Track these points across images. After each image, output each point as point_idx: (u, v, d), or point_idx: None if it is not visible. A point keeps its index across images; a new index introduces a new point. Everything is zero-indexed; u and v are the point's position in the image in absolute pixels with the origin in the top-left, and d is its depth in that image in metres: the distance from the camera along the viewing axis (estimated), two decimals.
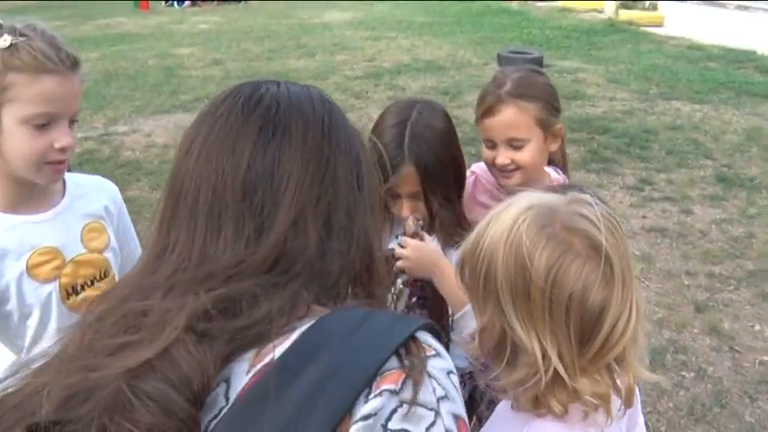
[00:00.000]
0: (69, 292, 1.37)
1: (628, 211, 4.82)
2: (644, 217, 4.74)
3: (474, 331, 1.00)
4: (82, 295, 1.39)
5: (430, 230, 1.56)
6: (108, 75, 9.04)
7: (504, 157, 1.55)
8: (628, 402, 0.96)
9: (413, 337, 0.65)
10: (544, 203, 0.95)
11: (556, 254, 0.90)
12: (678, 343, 3.37)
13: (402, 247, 1.46)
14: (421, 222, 1.49)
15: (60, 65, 1.23)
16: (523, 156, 1.54)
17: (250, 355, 0.64)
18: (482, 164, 1.69)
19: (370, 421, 0.59)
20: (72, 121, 1.30)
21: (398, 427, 0.59)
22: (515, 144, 1.53)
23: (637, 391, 1.02)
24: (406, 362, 0.62)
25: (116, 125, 6.91)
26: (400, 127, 1.50)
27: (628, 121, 6.81)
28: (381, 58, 9.97)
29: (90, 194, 1.47)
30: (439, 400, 0.62)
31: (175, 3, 17.89)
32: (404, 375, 0.61)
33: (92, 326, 0.67)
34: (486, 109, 1.55)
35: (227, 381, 0.63)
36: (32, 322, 1.33)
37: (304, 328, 0.65)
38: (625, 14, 12.62)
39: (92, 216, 1.44)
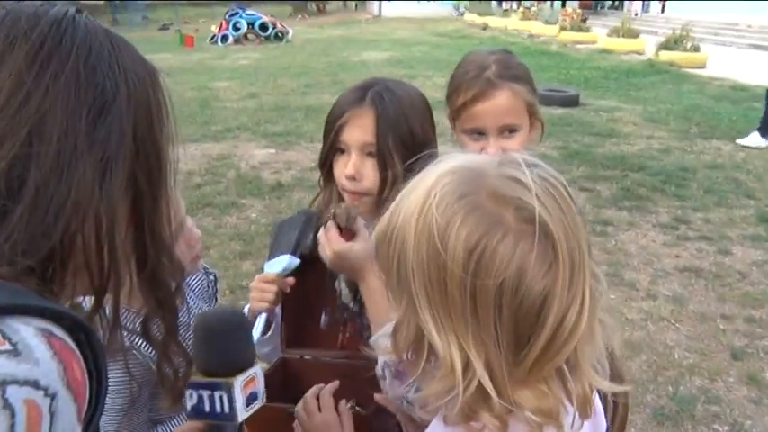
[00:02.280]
0: None
1: (660, 249, 4.56)
2: (677, 256, 4.47)
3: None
4: None
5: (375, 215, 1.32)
6: None
7: (495, 147, 1.37)
8: (583, 413, 0.76)
9: None
10: (469, 165, 0.76)
11: (478, 231, 0.70)
12: (711, 392, 3.09)
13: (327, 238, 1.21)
14: (356, 212, 1.22)
15: None
16: (515, 144, 1.37)
17: None
18: None
19: None
20: None
21: None
22: (509, 130, 1.38)
23: (596, 398, 0.82)
24: None
25: None
26: (373, 81, 1.31)
27: (664, 160, 6.57)
28: None
29: None
30: None
31: (219, 40, 18.41)
32: None
33: None
34: (477, 94, 1.37)
35: None
36: None
37: None
38: (666, 56, 12.41)
39: None
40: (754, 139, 7.09)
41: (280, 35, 18.86)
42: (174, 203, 0.68)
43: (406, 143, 1.24)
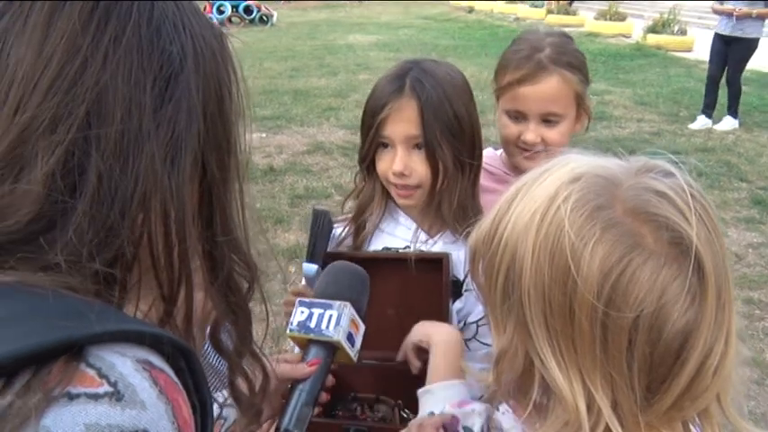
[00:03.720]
0: None
1: None
2: None
3: (491, 353, 0.72)
4: None
5: (434, 217, 1.25)
6: None
7: (535, 133, 1.32)
8: None
9: (72, 350, 0.38)
10: (600, 172, 0.64)
11: (617, 252, 0.59)
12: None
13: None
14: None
15: None
16: (555, 134, 1.32)
17: None
18: (488, 151, 1.45)
19: None
20: None
21: None
22: (551, 119, 1.32)
23: None
24: (5, 399, 0.35)
25: None
26: (409, 63, 1.23)
27: (656, 143, 6.57)
28: None
29: None
30: None
31: None
32: None
33: None
34: (525, 75, 1.31)
35: None
36: None
37: None
38: (653, 39, 12.40)
39: None
40: (702, 121, 7.16)
41: (264, 18, 18.60)
42: (247, 193, 0.58)
43: (452, 129, 1.18)
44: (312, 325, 0.90)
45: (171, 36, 0.51)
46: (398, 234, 1.28)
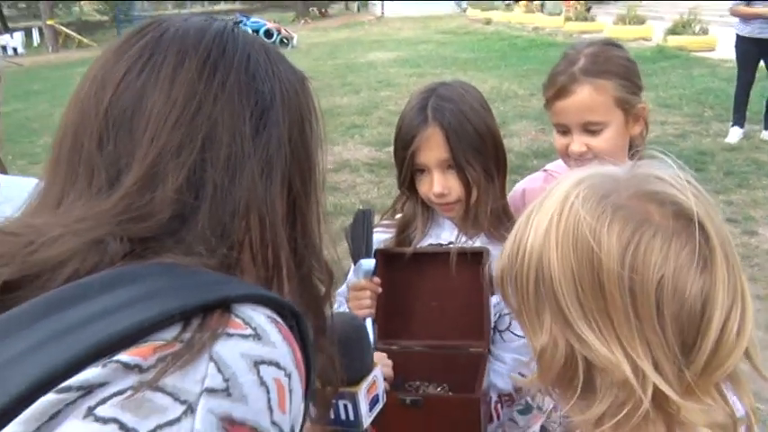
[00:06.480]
0: None
1: None
2: None
3: (530, 361, 0.77)
4: None
5: (471, 225, 1.38)
6: None
7: (579, 143, 1.36)
8: (751, 430, 0.72)
9: (223, 305, 0.51)
10: (599, 173, 0.74)
11: (629, 228, 0.66)
12: (747, 372, 3.09)
13: None
14: None
15: None
16: (601, 142, 1.35)
17: None
18: (559, 162, 1.53)
19: (67, 395, 0.44)
20: None
21: (110, 414, 0.44)
22: (592, 128, 1.35)
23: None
24: (185, 335, 0.48)
25: None
26: (426, 93, 1.37)
27: (681, 144, 6.55)
28: None
29: (24, 196, 1.38)
30: (205, 392, 0.47)
31: None
32: (166, 351, 0.47)
33: None
34: (558, 90, 1.37)
35: None
36: None
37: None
38: (674, 41, 12.33)
39: None
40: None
41: (285, 41, 18.91)
42: (323, 205, 0.70)
43: (477, 146, 1.33)
44: (332, 416, 0.87)
45: (263, 79, 0.64)
46: (443, 237, 1.43)
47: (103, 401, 0.44)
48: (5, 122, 8.34)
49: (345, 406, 0.86)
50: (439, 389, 1.29)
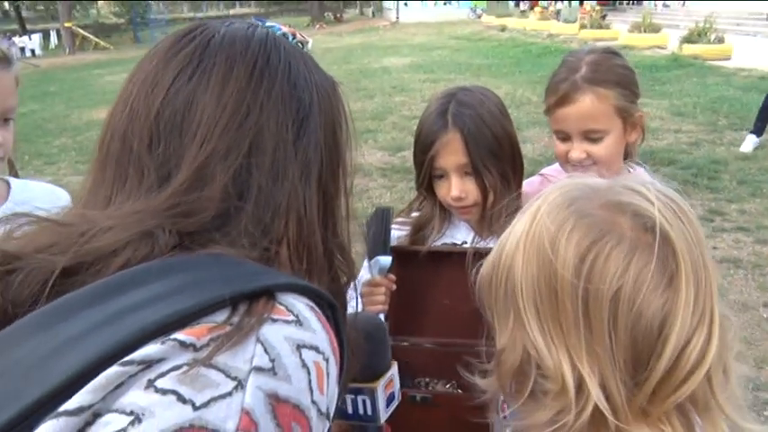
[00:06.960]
0: None
1: None
2: (715, 248, 4.46)
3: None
4: None
5: (487, 229, 1.40)
6: None
7: (579, 150, 1.39)
8: None
9: (268, 293, 0.55)
10: (580, 182, 0.74)
11: (590, 236, 0.65)
12: (758, 380, 3.09)
13: None
14: None
15: None
16: (601, 149, 1.38)
17: None
18: (555, 166, 1.56)
19: (129, 368, 0.48)
20: (6, 119, 1.26)
21: (169, 386, 0.47)
22: (593, 136, 1.38)
23: None
24: (234, 318, 0.52)
25: None
26: (446, 98, 1.40)
27: (694, 153, 6.54)
28: None
29: (36, 200, 1.40)
30: (253, 370, 0.50)
31: None
32: (218, 332, 0.50)
33: None
34: (561, 97, 1.39)
35: None
36: None
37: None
38: (690, 49, 12.29)
39: None
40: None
41: (300, 45, 19.01)
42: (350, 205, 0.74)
43: (494, 151, 1.36)
44: (350, 411, 0.89)
45: (302, 87, 0.68)
46: (458, 238, 1.45)
47: (162, 375, 0.48)
48: (22, 123, 8.46)
49: (364, 401, 0.89)
50: (447, 386, 1.31)
